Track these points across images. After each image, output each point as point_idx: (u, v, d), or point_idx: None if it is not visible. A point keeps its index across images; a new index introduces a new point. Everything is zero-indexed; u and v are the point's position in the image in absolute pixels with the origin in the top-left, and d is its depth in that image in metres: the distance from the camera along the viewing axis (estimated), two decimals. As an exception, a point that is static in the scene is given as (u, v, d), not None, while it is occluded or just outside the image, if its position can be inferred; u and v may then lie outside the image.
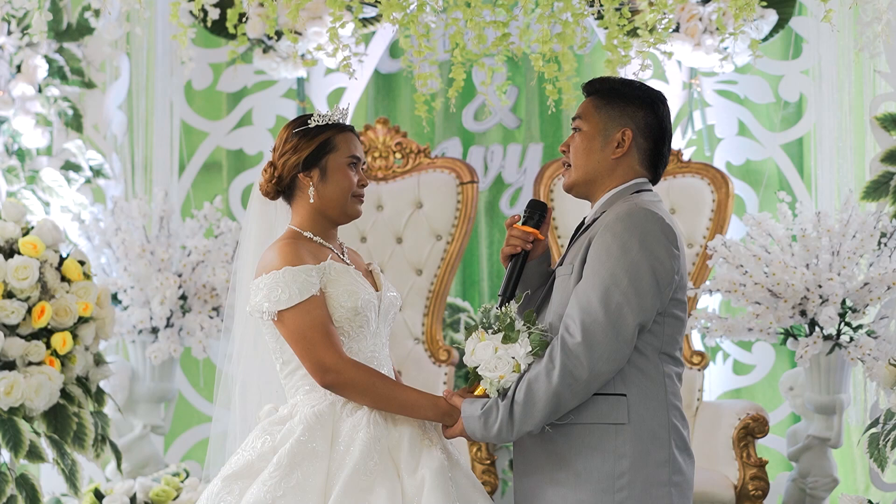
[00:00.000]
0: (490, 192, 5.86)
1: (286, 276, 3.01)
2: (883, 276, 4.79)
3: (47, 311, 4.45)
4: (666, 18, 4.43)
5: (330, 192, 3.14)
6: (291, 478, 2.93)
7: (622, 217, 2.94)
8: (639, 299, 2.88)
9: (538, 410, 2.89)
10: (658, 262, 2.91)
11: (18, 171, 5.52)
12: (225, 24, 5.33)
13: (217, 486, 3.01)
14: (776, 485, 5.35)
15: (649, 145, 3.08)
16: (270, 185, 3.17)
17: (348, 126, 3.20)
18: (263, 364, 3.23)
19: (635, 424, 2.93)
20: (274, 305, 3.01)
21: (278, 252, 3.05)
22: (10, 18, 5.48)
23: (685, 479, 2.99)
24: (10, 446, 4.39)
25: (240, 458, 3.04)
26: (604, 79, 3.15)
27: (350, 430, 3.01)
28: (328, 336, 3.01)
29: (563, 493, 2.97)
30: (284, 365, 3.11)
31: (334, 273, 3.07)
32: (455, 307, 5.81)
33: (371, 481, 2.94)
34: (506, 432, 2.93)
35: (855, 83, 5.47)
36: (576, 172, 3.09)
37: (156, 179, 5.70)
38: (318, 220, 3.16)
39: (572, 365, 2.87)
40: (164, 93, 5.74)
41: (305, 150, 3.12)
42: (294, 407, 3.08)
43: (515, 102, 5.85)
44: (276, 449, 3.00)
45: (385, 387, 3.02)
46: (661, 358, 2.98)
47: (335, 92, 5.80)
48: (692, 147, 5.63)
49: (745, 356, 5.66)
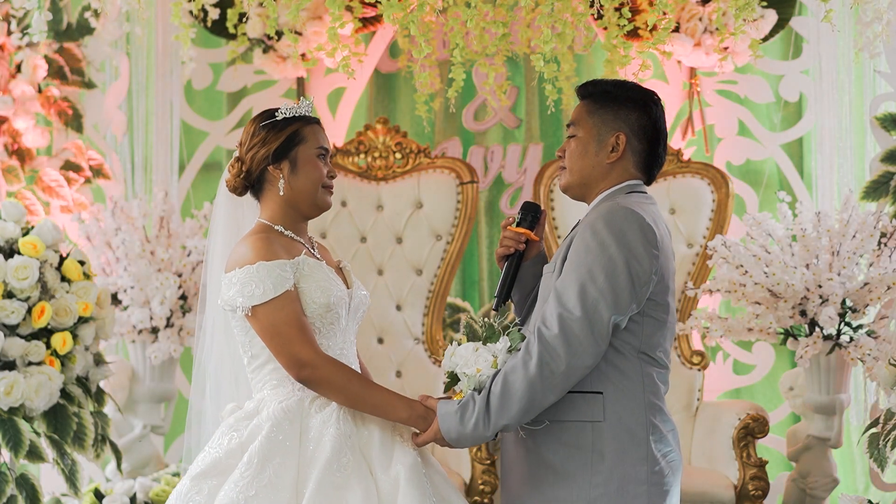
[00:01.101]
0: (490, 192, 5.86)
1: (260, 271, 2.98)
2: (883, 276, 4.79)
3: (47, 311, 4.44)
4: (666, 18, 4.43)
5: (301, 184, 3.11)
6: (263, 476, 2.90)
7: (602, 215, 2.96)
8: (614, 296, 2.90)
9: (515, 402, 2.89)
10: (635, 260, 2.92)
11: (18, 171, 5.52)
12: (225, 24, 5.34)
13: (186, 485, 2.98)
14: (776, 485, 5.35)
15: (644, 147, 3.09)
16: (238, 181, 3.14)
17: (315, 118, 3.17)
18: (235, 358, 3.19)
19: (611, 422, 2.95)
20: (248, 300, 2.98)
21: (251, 246, 3.02)
22: (10, 18, 5.48)
23: (664, 477, 3.00)
24: (10, 446, 4.39)
25: (207, 456, 3.01)
26: (596, 81, 3.16)
27: (320, 426, 2.98)
28: (303, 331, 2.99)
29: (542, 490, 2.98)
30: (253, 359, 3.08)
31: (308, 268, 3.05)
32: (455, 307, 5.81)
33: (346, 477, 2.92)
34: (483, 426, 2.92)
35: (855, 83, 5.47)
36: (571, 176, 3.11)
37: (156, 179, 5.70)
38: (289, 214, 3.13)
39: (549, 357, 2.88)
40: (164, 93, 5.73)
41: (274, 143, 3.10)
42: (261, 402, 3.05)
43: (515, 102, 5.85)
44: (243, 445, 2.97)
45: (360, 386, 3.00)
46: (640, 357, 2.99)
47: (335, 92, 5.80)
48: (692, 147, 5.62)
49: (745, 356, 5.66)
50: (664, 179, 5.29)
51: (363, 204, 5.43)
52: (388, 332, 5.36)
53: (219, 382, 3.25)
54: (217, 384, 3.25)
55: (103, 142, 5.69)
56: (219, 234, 3.23)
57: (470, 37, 4.76)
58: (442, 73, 5.59)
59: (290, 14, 4.39)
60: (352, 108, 5.78)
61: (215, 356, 3.25)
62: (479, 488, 4.83)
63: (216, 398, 3.24)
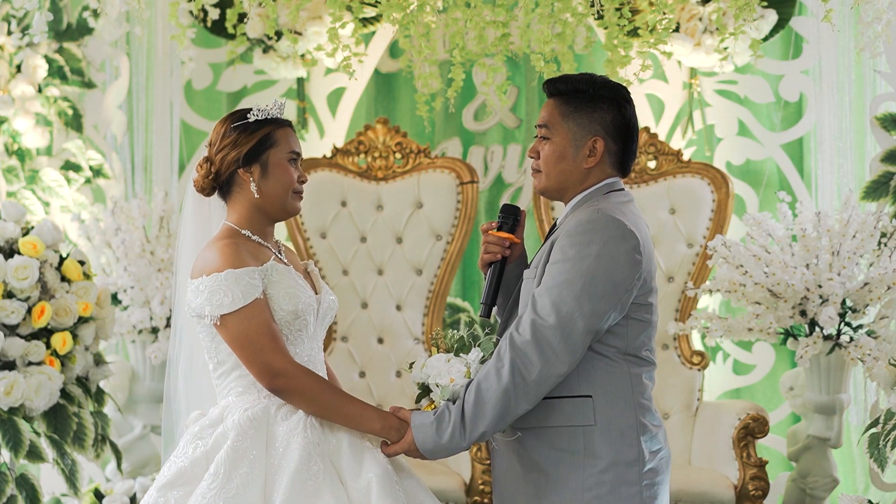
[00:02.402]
0: (490, 192, 5.86)
1: (228, 280, 2.92)
2: (883, 276, 4.79)
3: (47, 311, 4.45)
4: (666, 18, 4.43)
5: (271, 189, 3.05)
6: (230, 486, 2.85)
7: (583, 223, 2.94)
8: (592, 305, 2.88)
9: (489, 409, 2.88)
10: (616, 269, 2.90)
11: (18, 171, 5.52)
12: (225, 24, 5.34)
13: (153, 496, 2.94)
14: (776, 485, 5.35)
15: (618, 146, 3.06)
16: (207, 181, 3.07)
17: (287, 121, 3.11)
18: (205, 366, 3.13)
19: (602, 425, 2.95)
20: (216, 310, 2.93)
21: (219, 253, 2.96)
22: (11, 18, 5.48)
23: (656, 479, 3.00)
24: (10, 446, 4.39)
25: (172, 466, 2.96)
26: (566, 78, 3.09)
27: (286, 434, 2.93)
28: (275, 339, 2.94)
29: (536, 495, 2.98)
30: (219, 365, 3.03)
31: (276, 275, 3.00)
32: (455, 307, 5.81)
33: (317, 485, 2.87)
34: (458, 437, 2.90)
35: (855, 83, 5.46)
36: (547, 180, 3.07)
37: (156, 179, 5.70)
38: (257, 218, 3.07)
39: (521, 362, 2.87)
40: (164, 93, 5.73)
41: (245, 146, 3.04)
42: (225, 409, 3.00)
43: (515, 102, 5.85)
44: (208, 454, 2.92)
45: (333, 396, 2.95)
46: (627, 359, 2.99)
47: (335, 92, 5.80)
48: (692, 147, 5.62)
49: (745, 356, 5.66)
50: (664, 179, 5.29)
51: (363, 204, 5.43)
52: (388, 332, 5.36)
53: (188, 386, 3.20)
54: (187, 387, 3.20)
55: (103, 142, 5.69)
56: (188, 236, 3.16)
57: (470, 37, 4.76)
58: (442, 73, 5.59)
59: (289, 14, 4.40)
60: (352, 108, 5.78)
61: (184, 365, 3.19)
62: (479, 488, 4.83)
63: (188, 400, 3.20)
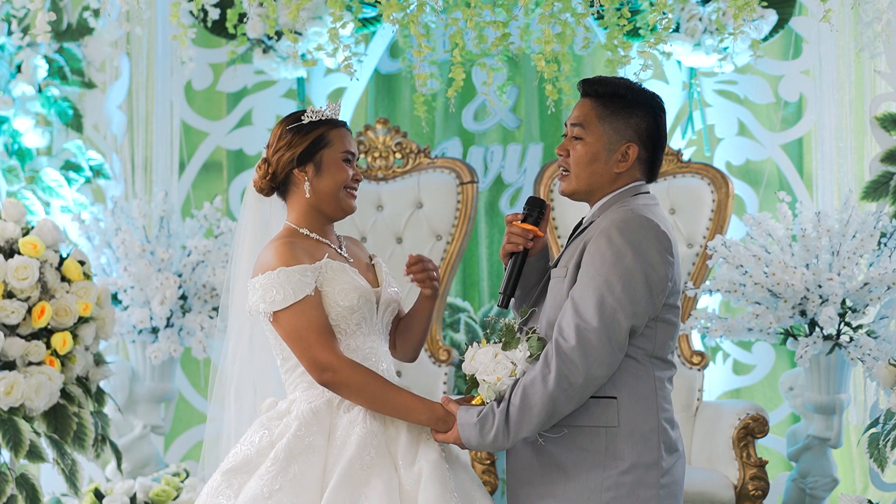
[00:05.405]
0: (490, 192, 5.86)
1: (280, 277, 3.03)
2: (883, 276, 4.79)
3: (47, 311, 4.45)
4: (666, 18, 4.44)
5: (324, 187, 3.16)
6: (288, 472, 2.96)
7: (617, 223, 2.95)
8: (632, 306, 2.90)
9: (534, 415, 2.90)
10: (652, 269, 2.92)
11: (18, 171, 5.52)
12: (225, 24, 5.34)
13: (217, 480, 3.04)
14: (776, 485, 5.35)
15: (649, 154, 3.08)
16: (265, 182, 3.19)
17: (341, 122, 3.21)
18: (259, 362, 3.26)
19: (626, 427, 2.96)
20: (269, 306, 3.05)
21: (274, 252, 3.08)
22: (11, 18, 5.48)
23: (674, 482, 3.01)
24: (10, 446, 4.39)
25: (238, 453, 3.07)
26: (604, 80, 3.08)
27: (347, 426, 3.04)
28: (324, 335, 3.04)
29: (554, 494, 2.99)
30: (284, 361, 3.15)
31: (330, 272, 3.09)
32: (455, 307, 5.81)
33: (368, 474, 2.97)
34: (502, 439, 2.93)
35: (855, 83, 5.46)
36: (577, 182, 3.07)
37: (156, 179, 5.70)
38: (314, 216, 3.18)
39: (568, 370, 2.88)
40: (164, 93, 5.74)
41: (300, 146, 3.15)
42: (292, 403, 3.11)
43: (515, 102, 5.85)
44: (273, 444, 3.03)
45: (380, 388, 3.04)
46: (653, 362, 3.00)
47: (335, 92, 5.80)
48: (692, 147, 5.62)
49: (745, 356, 5.66)
50: (664, 179, 5.29)
51: (363, 204, 5.42)
52: (388, 332, 5.36)
53: (241, 387, 3.29)
54: (240, 389, 3.29)
55: (103, 142, 5.69)
56: (246, 235, 3.28)
57: (470, 37, 4.76)
58: (442, 73, 5.59)
59: (290, 14, 4.40)
60: (352, 108, 5.78)
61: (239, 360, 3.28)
62: (479, 488, 4.83)
63: (239, 402, 3.29)
